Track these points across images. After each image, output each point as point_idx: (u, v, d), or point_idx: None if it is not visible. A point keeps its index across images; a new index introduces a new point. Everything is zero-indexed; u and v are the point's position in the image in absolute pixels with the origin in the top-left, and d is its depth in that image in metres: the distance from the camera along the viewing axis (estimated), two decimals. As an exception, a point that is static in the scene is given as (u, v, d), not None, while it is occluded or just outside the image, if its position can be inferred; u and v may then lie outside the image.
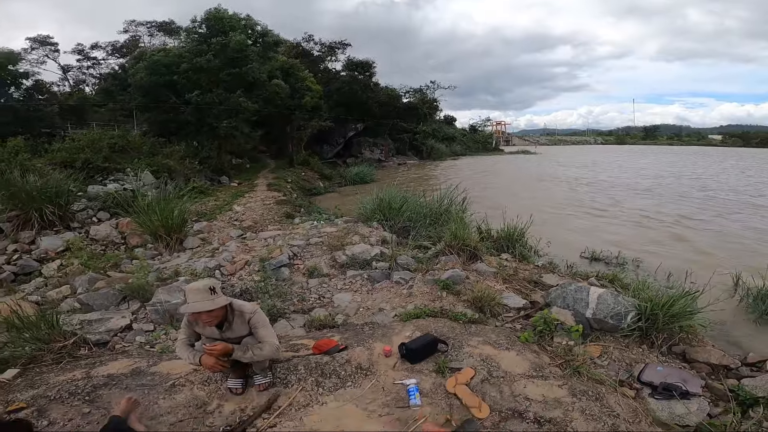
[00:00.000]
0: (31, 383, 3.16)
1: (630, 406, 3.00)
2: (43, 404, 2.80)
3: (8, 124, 15.55)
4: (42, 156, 12.42)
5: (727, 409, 3.01)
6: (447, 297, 4.67)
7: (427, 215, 8.01)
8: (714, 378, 3.50)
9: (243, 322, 2.77)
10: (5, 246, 7.75)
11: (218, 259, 6.01)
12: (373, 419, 2.73)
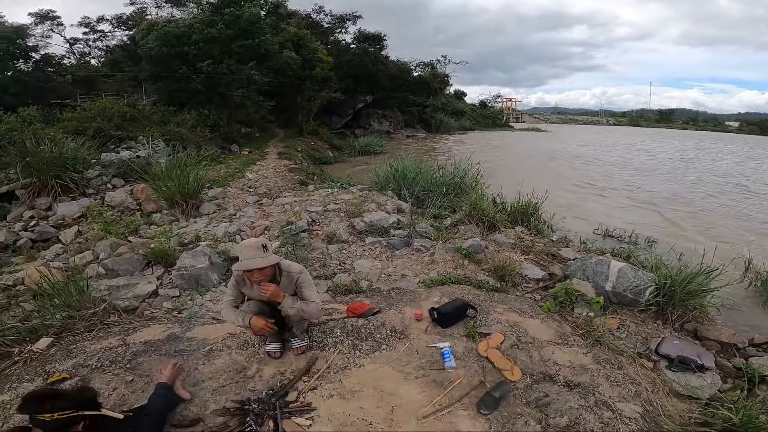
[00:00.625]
0: (68, 352, 3.18)
1: (648, 376, 3.06)
2: (86, 374, 2.84)
3: (19, 95, 15.72)
4: (54, 125, 12.45)
5: (735, 385, 3.06)
6: (468, 265, 4.70)
7: (441, 186, 7.99)
8: (723, 356, 3.55)
9: (290, 282, 2.79)
10: (21, 212, 7.83)
11: (238, 225, 6.03)
12: (410, 381, 2.79)
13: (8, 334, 3.42)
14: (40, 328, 3.60)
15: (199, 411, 2.54)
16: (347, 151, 21.94)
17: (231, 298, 2.87)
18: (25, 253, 6.26)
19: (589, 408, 2.58)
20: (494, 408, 2.55)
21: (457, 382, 2.74)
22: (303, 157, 15.93)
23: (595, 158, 23.18)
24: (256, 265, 2.57)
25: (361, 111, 33.66)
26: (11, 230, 7.17)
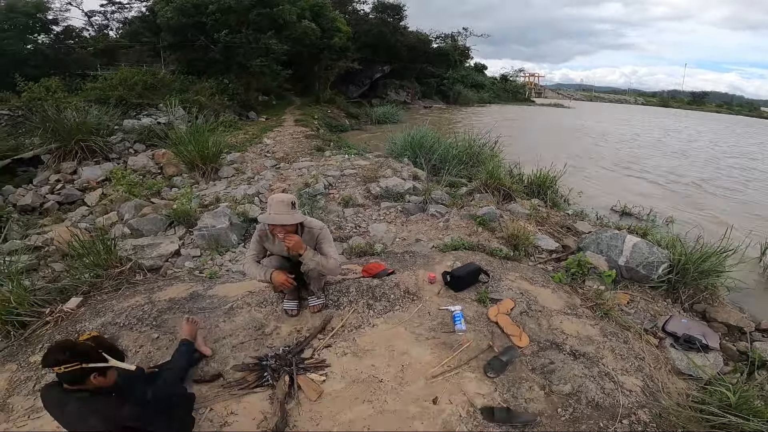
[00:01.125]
0: (97, 311, 3.31)
1: (653, 353, 3.09)
2: (114, 332, 2.96)
3: (41, 67, 16.00)
4: (77, 94, 12.73)
5: (736, 368, 3.09)
6: (482, 232, 4.74)
7: (458, 155, 7.92)
8: (728, 339, 3.57)
9: (311, 239, 2.85)
10: (47, 176, 8.09)
11: (256, 187, 6.16)
12: (421, 342, 2.89)
13: (39, 295, 3.54)
14: (69, 288, 3.72)
15: (219, 367, 2.67)
16: (364, 119, 21.77)
17: (254, 252, 2.94)
18: (53, 215, 6.51)
19: (592, 378, 2.64)
20: (500, 372, 2.63)
21: (466, 345, 2.82)
22: (320, 125, 15.89)
23: (618, 136, 22.46)
24: (282, 221, 2.63)
25: (378, 81, 33.08)
26: (38, 193, 7.47)
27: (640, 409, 2.48)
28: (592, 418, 2.37)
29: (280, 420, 2.24)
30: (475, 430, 2.25)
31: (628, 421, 2.38)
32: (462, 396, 2.46)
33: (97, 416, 1.82)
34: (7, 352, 3.06)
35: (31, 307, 3.40)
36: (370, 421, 2.29)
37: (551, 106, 48.22)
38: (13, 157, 8.58)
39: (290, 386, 2.46)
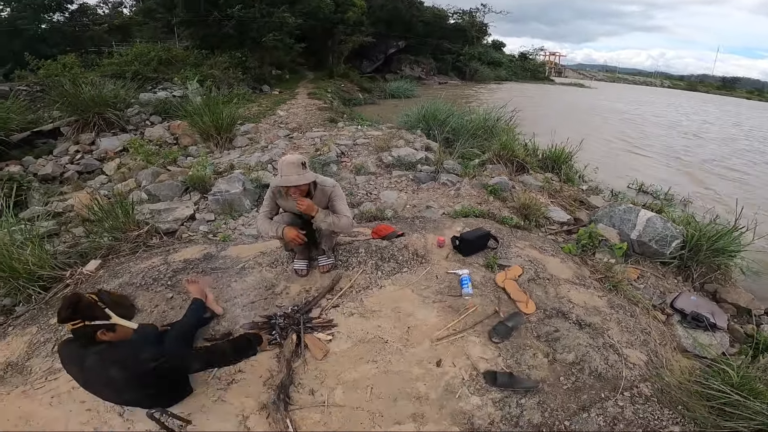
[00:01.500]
0: (115, 273, 3.40)
1: (659, 329, 3.07)
2: (130, 292, 3.03)
3: (57, 44, 16.11)
4: (93, 70, 12.97)
5: (741, 350, 3.06)
6: (494, 202, 4.73)
7: (472, 129, 7.83)
8: (737, 321, 3.53)
9: (324, 196, 2.88)
10: (67, 147, 8.32)
11: (270, 155, 6.25)
12: (428, 304, 2.92)
13: (60, 258, 3.65)
14: (89, 251, 3.85)
15: (229, 326, 2.75)
16: (377, 94, 21.62)
17: (267, 209, 2.97)
18: (73, 183, 6.69)
19: (596, 348, 2.64)
20: (505, 337, 2.65)
21: (472, 309, 2.85)
22: (333, 98, 15.89)
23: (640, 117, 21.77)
24: (293, 182, 2.66)
25: (392, 56, 32.59)
26: (58, 163, 7.67)
27: (642, 383, 2.48)
28: (594, 389, 2.39)
29: (285, 377, 2.30)
30: (477, 393, 2.29)
31: (630, 394, 2.38)
32: (466, 360, 2.49)
33: (117, 366, 1.87)
34: (29, 315, 3.18)
35: (52, 270, 3.51)
36: (374, 381, 2.34)
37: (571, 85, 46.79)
38: (33, 130, 8.82)
39: (297, 345, 2.52)
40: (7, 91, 11.02)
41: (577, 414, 2.23)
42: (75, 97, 8.76)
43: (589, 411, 2.25)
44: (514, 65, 48.22)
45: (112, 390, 1.97)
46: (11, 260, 3.38)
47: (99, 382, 1.94)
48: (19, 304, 3.47)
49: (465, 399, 2.26)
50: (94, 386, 2.00)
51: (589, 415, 2.23)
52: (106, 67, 13.14)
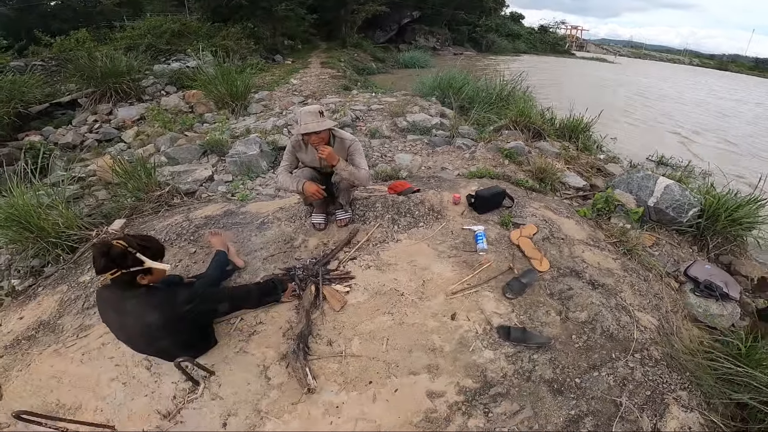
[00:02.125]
0: (139, 231, 3.49)
1: (671, 296, 3.07)
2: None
3: (70, 20, 16.09)
4: (107, 44, 13.02)
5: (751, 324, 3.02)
6: (509, 165, 4.71)
7: (488, 97, 7.70)
8: (749, 294, 3.49)
9: (342, 149, 2.93)
10: (85, 118, 8.50)
11: (285, 119, 6.31)
12: (443, 259, 2.97)
13: (85, 220, 3.78)
14: (112, 212, 3.98)
15: (250, 278, 2.84)
16: (391, 63, 21.27)
17: (287, 163, 3.03)
18: (94, 150, 6.84)
19: (609, 308, 2.66)
20: (519, 294, 2.69)
21: (487, 265, 2.88)
22: (346, 67, 15.68)
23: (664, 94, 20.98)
24: (313, 129, 2.71)
25: (406, 26, 31.75)
26: (78, 132, 7.85)
27: (652, 346, 2.50)
28: (605, 349, 2.41)
29: (305, 327, 2.37)
30: (491, 347, 2.35)
31: (640, 356, 2.40)
32: (480, 314, 2.55)
33: (155, 309, 1.93)
34: (58, 275, 3.31)
35: (79, 230, 3.64)
36: (389, 332, 2.41)
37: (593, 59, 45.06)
38: (51, 102, 9.06)
39: (315, 296, 2.59)
40: (23, 66, 11.24)
41: (587, 372, 2.27)
42: (91, 69, 8.90)
43: (599, 370, 2.28)
44: (533, 38, 46.55)
45: (147, 336, 2.01)
46: (40, 221, 3.50)
47: (135, 328, 1.99)
48: (47, 264, 3.61)
49: (478, 352, 2.32)
50: (129, 333, 2.05)
51: (600, 374, 2.26)
52: (119, 40, 13.22)
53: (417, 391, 2.11)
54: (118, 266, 1.86)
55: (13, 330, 2.82)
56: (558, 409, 2.08)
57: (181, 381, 2.17)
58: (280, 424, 1.97)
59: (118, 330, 2.08)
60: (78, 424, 1.91)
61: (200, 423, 2.00)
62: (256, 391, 2.12)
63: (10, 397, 2.22)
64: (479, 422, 2.00)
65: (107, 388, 2.19)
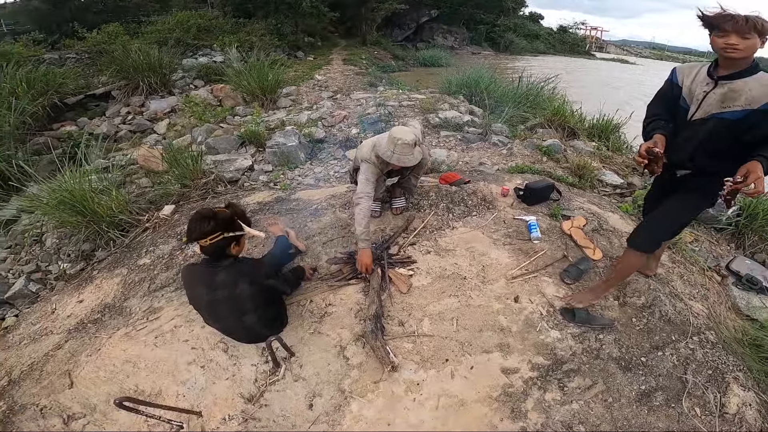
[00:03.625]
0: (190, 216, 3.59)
1: (715, 288, 3.11)
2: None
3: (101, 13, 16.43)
4: (138, 37, 13.31)
5: None
6: (547, 162, 4.75)
7: (515, 98, 7.70)
8: None
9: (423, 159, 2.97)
10: (118, 109, 8.73)
11: (319, 113, 6.39)
12: (499, 246, 3.03)
13: (133, 206, 3.85)
14: (157, 198, 4.07)
15: (313, 261, 2.91)
16: (410, 61, 21.25)
17: (369, 189, 2.73)
18: (131, 140, 7.01)
19: (664, 294, 2.71)
20: (577, 279, 2.75)
21: (542, 252, 2.94)
22: (368, 64, 15.75)
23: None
24: (408, 162, 2.68)
25: (424, 25, 31.73)
26: (112, 123, 8.05)
27: (708, 331, 2.54)
28: (664, 331, 2.46)
29: (378, 308, 2.43)
30: (557, 328, 2.41)
31: (698, 339, 2.45)
32: (541, 297, 2.61)
33: (245, 279, 2.00)
34: (112, 259, 3.38)
35: (130, 215, 3.73)
36: (457, 313, 2.48)
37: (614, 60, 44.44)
38: (86, 93, 9.30)
39: (381, 279, 2.65)
40: (57, 58, 11.50)
41: (652, 352, 2.33)
42: (124, 63, 9.13)
43: (663, 350, 2.34)
44: (552, 38, 46.09)
45: (236, 310, 2.05)
46: (93, 205, 3.58)
47: (226, 301, 2.02)
48: (97, 249, 3.72)
49: (545, 332, 2.38)
50: (219, 308, 2.07)
51: (664, 353, 2.32)
52: (149, 34, 13.54)
53: (492, 367, 2.17)
54: (223, 230, 1.92)
55: (75, 313, 2.85)
56: (629, 384, 2.14)
57: (260, 363, 2.20)
58: (364, 403, 2.02)
59: (207, 306, 2.11)
60: (171, 411, 1.90)
61: (285, 405, 2.02)
62: (337, 371, 2.16)
63: (82, 385, 2.19)
64: (556, 395, 2.06)
65: (186, 372, 2.19)
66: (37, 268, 3.68)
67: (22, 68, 8.64)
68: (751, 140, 1.84)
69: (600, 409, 2.02)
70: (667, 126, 2.09)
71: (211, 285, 2.01)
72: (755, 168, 1.71)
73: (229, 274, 2.00)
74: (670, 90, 2.11)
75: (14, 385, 2.27)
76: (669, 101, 2.11)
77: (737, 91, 1.82)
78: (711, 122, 1.93)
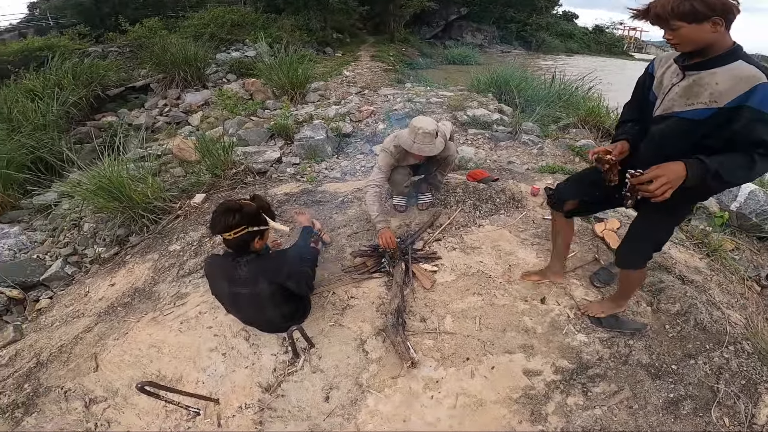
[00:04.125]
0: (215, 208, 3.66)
1: (754, 299, 2.97)
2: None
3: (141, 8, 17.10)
4: (175, 32, 13.78)
5: None
6: (580, 162, 4.61)
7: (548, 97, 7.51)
8: None
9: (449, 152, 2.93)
10: (156, 102, 9.16)
11: (347, 108, 6.43)
12: (527, 246, 2.96)
13: (167, 194, 3.99)
14: (189, 187, 4.20)
15: (337, 254, 2.92)
16: (438, 59, 21.06)
17: (382, 177, 2.83)
18: (166, 131, 7.26)
19: (701, 302, 2.59)
20: (608, 283, 2.65)
21: (572, 254, 2.84)
22: (396, 61, 15.72)
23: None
24: (428, 153, 2.64)
25: (453, 22, 31.40)
26: (150, 114, 8.47)
27: (744, 341, 2.43)
28: (698, 340, 2.36)
29: (401, 302, 2.41)
30: (584, 331, 2.33)
31: (734, 348, 2.35)
32: (569, 300, 2.53)
33: (266, 278, 1.98)
34: (145, 244, 3.50)
35: (163, 202, 3.86)
36: (480, 312, 2.44)
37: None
38: (127, 86, 9.82)
39: (405, 274, 2.63)
40: (100, 52, 12.00)
41: (683, 359, 2.24)
42: (162, 56, 9.47)
43: (695, 358, 2.25)
44: (586, 38, 44.62)
45: (258, 304, 2.05)
46: (130, 191, 3.73)
47: (247, 295, 2.02)
48: (131, 234, 3.85)
49: (571, 335, 2.31)
50: (240, 301, 2.08)
51: (696, 362, 2.23)
52: (186, 29, 14.00)
53: (514, 368, 2.13)
54: (247, 224, 1.89)
55: (106, 296, 2.94)
56: (657, 391, 2.06)
57: (280, 353, 2.22)
58: (381, 398, 2.01)
59: (228, 298, 2.12)
60: (190, 397, 1.93)
61: (302, 396, 2.03)
62: (355, 364, 2.16)
63: (107, 368, 2.22)
64: (578, 400, 2.00)
65: (207, 359, 2.22)
66: (74, 251, 3.85)
67: (67, 60, 9.08)
68: (714, 145, 1.51)
69: (624, 415, 1.96)
70: (633, 129, 1.85)
71: (233, 279, 2.00)
72: (668, 167, 1.46)
73: (250, 271, 1.98)
74: (644, 81, 1.83)
75: (42, 367, 2.35)
76: (641, 94, 1.84)
77: (702, 85, 1.49)
78: (670, 121, 1.61)
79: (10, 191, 4.93)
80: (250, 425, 1.93)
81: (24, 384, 2.25)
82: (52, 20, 17.13)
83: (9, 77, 8.37)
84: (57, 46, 11.03)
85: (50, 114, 6.77)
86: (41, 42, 11.61)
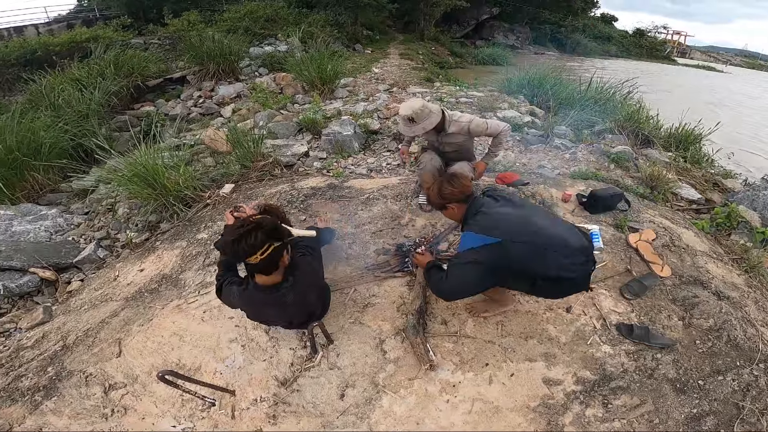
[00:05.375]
0: (248, 196, 3.66)
1: None
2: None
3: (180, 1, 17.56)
4: (212, 25, 14.18)
5: None
6: (615, 170, 4.45)
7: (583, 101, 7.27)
8: None
9: (460, 131, 2.91)
10: (191, 93, 9.38)
11: (376, 104, 6.44)
12: (557, 252, 2.88)
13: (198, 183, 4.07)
14: (219, 177, 4.28)
15: (361, 250, 2.90)
16: (468, 59, 20.84)
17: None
18: (200, 122, 7.47)
19: (736, 319, 2.49)
20: (639, 295, 2.57)
21: (602, 264, 2.76)
22: (425, 59, 15.65)
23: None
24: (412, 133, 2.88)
25: (484, 22, 30.94)
26: (185, 105, 8.70)
27: None
28: (729, 356, 2.28)
29: (423, 303, 2.39)
30: (610, 343, 2.26)
31: (764, 366, 2.25)
32: (596, 310, 2.46)
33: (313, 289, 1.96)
34: (174, 231, 3.57)
35: (194, 191, 3.95)
36: (503, 318, 2.38)
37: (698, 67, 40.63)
38: (165, 77, 10.14)
39: (428, 274, 2.61)
40: (142, 44, 12.46)
41: (711, 375, 2.17)
42: (199, 49, 9.70)
43: (724, 375, 2.18)
44: (626, 41, 43.03)
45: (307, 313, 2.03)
46: (164, 179, 3.83)
47: (297, 310, 1.97)
48: (162, 220, 3.96)
49: (596, 346, 2.24)
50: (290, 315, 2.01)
51: (725, 378, 2.16)
52: (222, 23, 14.36)
53: (533, 376, 2.08)
54: (274, 239, 1.69)
55: (134, 282, 2.98)
56: (680, 406, 2.01)
57: (298, 348, 2.22)
58: (396, 399, 1.99)
59: (281, 321, 2.09)
60: (207, 387, 1.94)
61: (317, 393, 2.02)
62: (373, 363, 2.15)
63: (130, 354, 2.23)
64: (597, 412, 1.95)
65: (227, 349, 2.22)
66: (107, 235, 3.97)
67: (110, 51, 9.43)
68: None
69: (643, 429, 1.91)
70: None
71: (283, 305, 1.89)
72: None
73: (296, 291, 1.86)
74: None
75: (67, 350, 2.39)
76: None
77: None
78: None
79: (51, 175, 5.12)
80: (263, 418, 1.94)
81: (48, 367, 2.28)
82: (99, 12, 17.83)
83: (55, 67, 8.75)
84: (102, 37, 11.49)
85: (93, 103, 7.03)
86: (88, 33, 12.12)
